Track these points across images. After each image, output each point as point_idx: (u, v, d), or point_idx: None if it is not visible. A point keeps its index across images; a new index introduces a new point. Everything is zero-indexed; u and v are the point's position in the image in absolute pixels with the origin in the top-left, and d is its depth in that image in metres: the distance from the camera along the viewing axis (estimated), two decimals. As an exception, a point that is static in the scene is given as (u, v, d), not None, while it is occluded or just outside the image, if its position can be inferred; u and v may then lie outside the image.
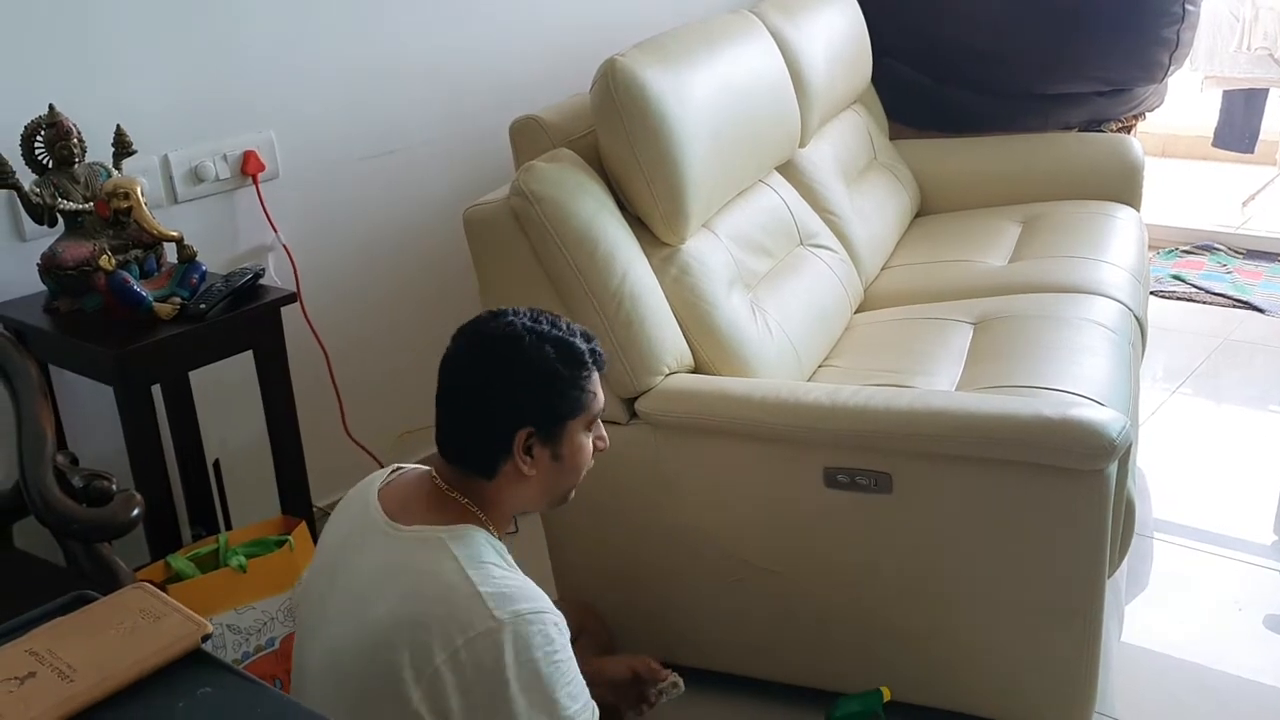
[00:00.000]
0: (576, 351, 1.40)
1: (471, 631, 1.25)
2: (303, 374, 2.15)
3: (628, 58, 1.98)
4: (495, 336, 1.39)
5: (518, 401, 1.37)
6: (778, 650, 1.96)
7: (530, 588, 1.32)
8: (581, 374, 1.40)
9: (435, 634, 1.26)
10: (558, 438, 1.40)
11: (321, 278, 2.33)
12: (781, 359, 2.14)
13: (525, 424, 1.37)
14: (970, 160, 3.23)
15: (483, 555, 1.32)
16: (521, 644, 1.26)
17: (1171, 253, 4.13)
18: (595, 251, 1.87)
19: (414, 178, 2.51)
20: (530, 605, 1.28)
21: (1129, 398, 2.06)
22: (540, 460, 1.39)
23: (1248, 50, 4.53)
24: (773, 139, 2.43)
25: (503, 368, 1.38)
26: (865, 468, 1.77)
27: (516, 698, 1.25)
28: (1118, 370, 2.13)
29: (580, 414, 1.41)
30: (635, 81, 1.95)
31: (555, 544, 2.08)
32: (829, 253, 2.53)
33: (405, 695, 1.26)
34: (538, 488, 1.42)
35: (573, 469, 1.44)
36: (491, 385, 1.38)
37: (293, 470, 2.01)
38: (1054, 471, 1.66)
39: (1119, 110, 3.45)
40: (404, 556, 1.33)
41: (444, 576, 1.29)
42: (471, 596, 1.27)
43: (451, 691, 1.25)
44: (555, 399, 1.39)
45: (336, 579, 1.38)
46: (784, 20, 2.63)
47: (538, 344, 1.38)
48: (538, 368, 1.37)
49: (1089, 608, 1.71)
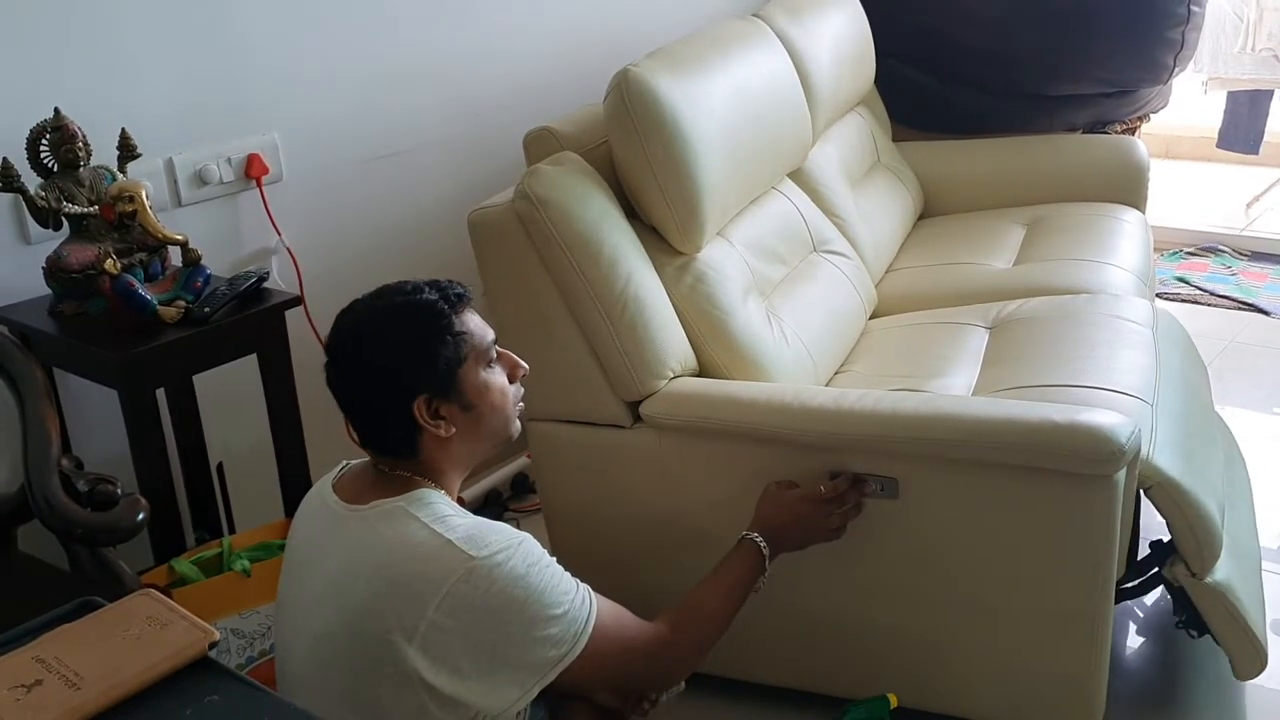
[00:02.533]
0: (425, 305, 1.40)
1: (454, 577, 1.29)
2: (306, 377, 2.13)
3: (641, 68, 1.97)
4: (345, 335, 1.41)
5: (394, 380, 1.39)
6: (783, 655, 1.96)
7: (496, 524, 1.37)
8: (441, 322, 1.40)
9: (419, 590, 1.29)
10: (456, 389, 1.41)
11: (325, 281, 2.33)
12: (798, 366, 2.14)
13: (415, 395, 1.38)
14: (973, 162, 3.23)
15: (442, 510, 1.36)
16: (504, 572, 1.31)
17: (1176, 254, 4.12)
18: (600, 255, 1.87)
19: (418, 181, 2.50)
20: (500, 538, 1.33)
21: (1155, 385, 2.05)
22: (453, 416, 1.41)
23: (1252, 51, 4.52)
24: (785, 145, 2.43)
25: (363, 359, 1.40)
26: (872, 472, 1.76)
27: (515, 619, 1.31)
28: (1143, 360, 2.12)
29: (466, 359, 1.41)
30: (649, 91, 1.95)
31: (557, 545, 2.08)
32: (842, 259, 2.53)
33: (400, 658, 1.29)
34: (468, 440, 1.43)
35: (491, 409, 1.44)
36: (363, 380, 1.40)
37: (296, 474, 2.00)
38: (1062, 477, 1.65)
39: (1123, 112, 3.45)
40: (370, 532, 1.36)
41: (412, 537, 1.33)
42: (444, 546, 1.31)
43: (452, 638, 1.30)
44: (427, 360, 1.39)
45: (309, 575, 1.41)
46: (790, 22, 2.62)
47: (385, 320, 1.40)
48: (393, 341, 1.39)
49: (1097, 614, 1.71)
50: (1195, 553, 1.80)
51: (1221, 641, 1.85)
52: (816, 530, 1.73)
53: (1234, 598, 1.81)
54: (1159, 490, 1.78)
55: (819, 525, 1.73)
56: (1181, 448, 1.89)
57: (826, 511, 1.72)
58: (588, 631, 1.37)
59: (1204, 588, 1.80)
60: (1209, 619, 1.83)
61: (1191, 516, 1.79)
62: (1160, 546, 1.88)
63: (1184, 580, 1.81)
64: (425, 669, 1.29)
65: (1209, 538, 1.80)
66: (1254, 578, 1.99)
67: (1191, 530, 1.79)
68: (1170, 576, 1.84)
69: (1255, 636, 1.83)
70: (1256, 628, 1.84)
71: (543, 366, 1.79)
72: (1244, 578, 1.90)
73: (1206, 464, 1.98)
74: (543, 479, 2.08)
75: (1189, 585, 1.81)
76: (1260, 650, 1.83)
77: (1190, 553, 1.80)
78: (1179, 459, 1.84)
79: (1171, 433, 1.92)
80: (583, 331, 1.90)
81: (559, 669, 1.35)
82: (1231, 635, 1.83)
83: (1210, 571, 1.80)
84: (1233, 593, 1.81)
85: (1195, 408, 2.14)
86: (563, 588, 1.37)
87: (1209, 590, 1.80)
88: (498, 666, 1.32)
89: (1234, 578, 1.84)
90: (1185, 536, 1.79)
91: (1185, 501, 1.78)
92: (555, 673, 1.35)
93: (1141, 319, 2.27)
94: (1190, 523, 1.78)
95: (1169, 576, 1.84)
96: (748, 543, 1.67)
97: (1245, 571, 1.93)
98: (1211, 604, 1.81)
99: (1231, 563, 1.87)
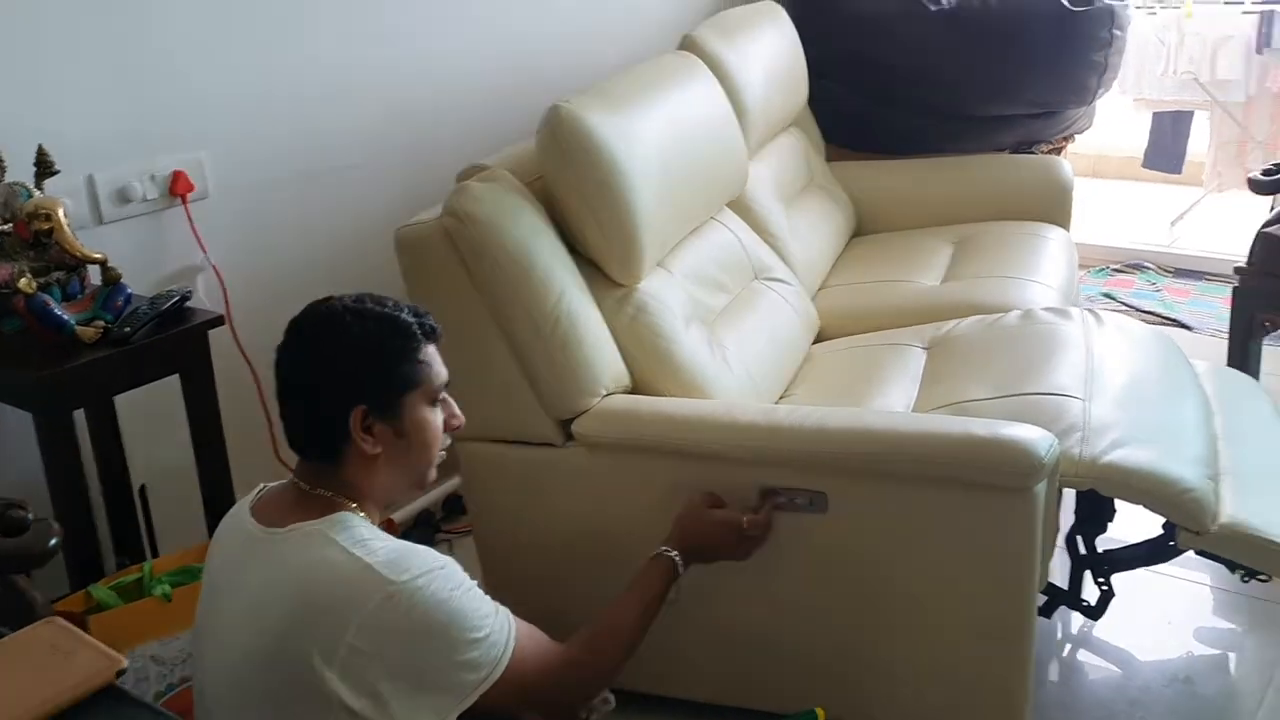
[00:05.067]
0: (402, 324, 1.41)
1: (372, 602, 1.28)
2: (232, 397, 2.11)
3: (573, 104, 1.98)
4: (315, 321, 1.41)
5: (346, 380, 1.38)
6: (712, 670, 1.96)
7: (418, 548, 1.35)
8: (410, 345, 1.41)
9: (338, 614, 1.28)
10: (396, 413, 1.40)
11: (253, 299, 2.30)
12: (743, 393, 2.15)
13: (358, 402, 1.37)
14: (904, 181, 3.28)
15: (362, 534, 1.35)
16: (424, 597, 1.30)
17: (1103, 271, 4.21)
18: (530, 272, 1.86)
19: (349, 198, 2.48)
20: (421, 563, 1.33)
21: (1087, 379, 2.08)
22: (383, 437, 1.40)
23: (1174, 74, 4.65)
24: (721, 176, 2.45)
25: (325, 349, 1.39)
26: (801, 487, 1.77)
27: (436, 644, 1.31)
28: (1073, 358, 2.15)
29: (416, 386, 1.41)
30: (582, 128, 1.95)
31: (488, 563, 2.07)
32: (784, 285, 2.55)
33: (319, 682, 1.27)
34: (389, 467, 1.42)
35: (421, 445, 1.44)
36: (317, 368, 1.39)
37: (221, 495, 1.97)
38: (984, 490, 1.67)
39: (1050, 132, 3.52)
40: (289, 556, 1.34)
41: (332, 561, 1.31)
42: (364, 570, 1.30)
43: (372, 662, 1.28)
44: (384, 373, 1.39)
45: (225, 600, 1.39)
46: (722, 43, 2.65)
47: (358, 321, 1.39)
48: (360, 344, 1.38)
49: (1020, 625, 1.73)
50: (1179, 514, 1.82)
51: (1270, 571, 1.87)
52: (731, 553, 1.76)
53: (1252, 528, 1.81)
54: (1102, 483, 1.81)
55: (733, 550, 1.76)
56: (1124, 428, 1.91)
57: (744, 539, 1.75)
58: (507, 654, 1.37)
59: (1215, 538, 1.81)
60: (1242, 559, 1.85)
61: (1145, 487, 1.81)
62: (1169, 523, 1.89)
63: (1194, 542, 1.83)
64: (345, 693, 1.28)
65: (1182, 495, 1.81)
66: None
67: (1155, 498, 1.81)
68: (1184, 546, 1.85)
69: None
70: None
71: (472, 386, 1.77)
72: (1268, 501, 1.90)
73: (1165, 428, 2.00)
74: (473, 499, 2.07)
75: (1201, 543, 1.83)
76: None
77: (1177, 517, 1.82)
78: (1120, 441, 1.86)
79: (1112, 418, 1.93)
80: (513, 349, 1.89)
81: (479, 692, 1.34)
82: (1272, 561, 1.83)
83: (1210, 524, 1.82)
84: (1247, 525, 1.82)
85: (1147, 383, 2.16)
86: (483, 611, 1.37)
87: (1219, 537, 1.81)
88: (418, 691, 1.31)
89: (1249, 510, 1.85)
90: (1160, 507, 1.82)
91: (1138, 480, 1.81)
92: (475, 696, 1.34)
93: (1070, 320, 2.31)
94: (1147, 493, 1.81)
95: (1184, 544, 1.85)
96: (663, 558, 1.68)
97: (1273, 494, 1.94)
98: (1232, 547, 1.83)
99: (1244, 496, 1.88)
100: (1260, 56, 4.55)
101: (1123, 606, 2.23)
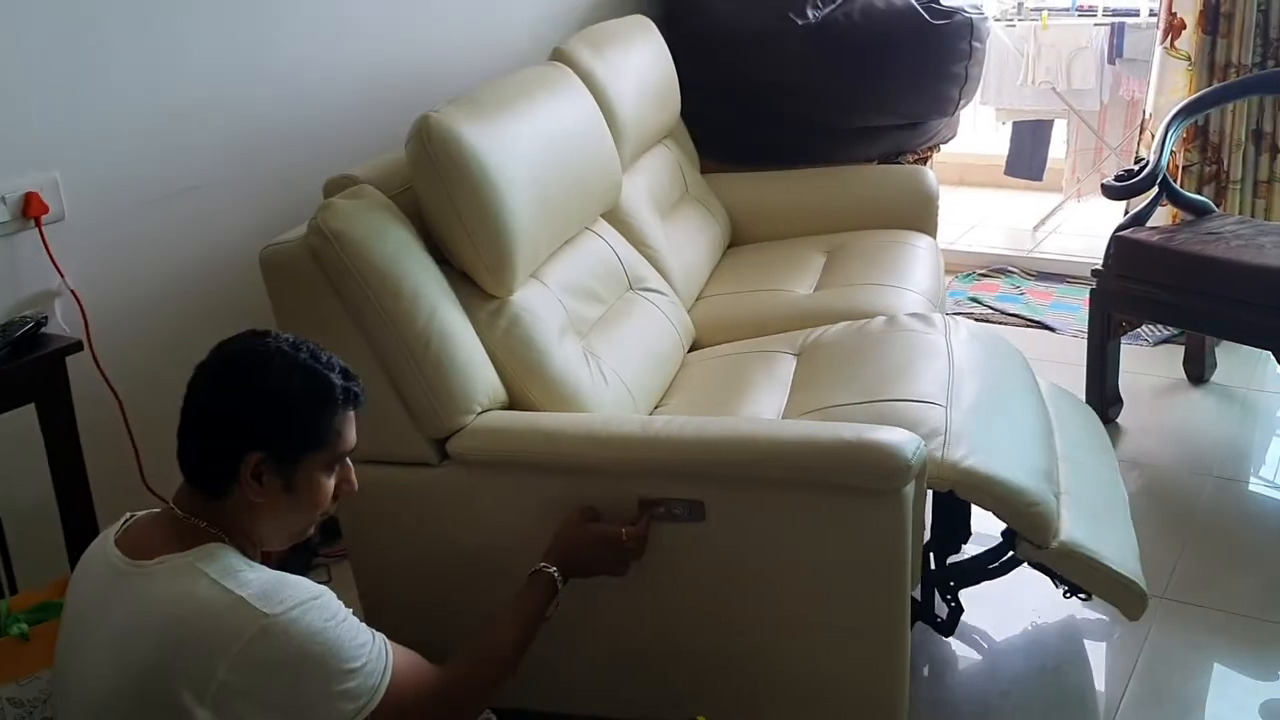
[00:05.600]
0: (326, 384, 1.38)
1: (246, 635, 1.25)
2: (96, 425, 2.04)
3: (442, 114, 1.97)
4: (242, 353, 1.38)
5: (251, 423, 1.35)
6: (594, 684, 1.96)
7: (292, 578, 1.33)
8: (327, 409, 1.38)
9: (209, 650, 1.25)
10: (291, 469, 1.37)
11: (115, 323, 2.23)
12: (618, 404, 2.16)
13: (256, 448, 1.34)
14: (778, 192, 3.33)
15: (234, 566, 1.32)
16: (299, 629, 1.28)
17: (969, 276, 4.34)
18: (400, 290, 1.84)
19: (215, 218, 2.42)
20: (296, 593, 1.30)
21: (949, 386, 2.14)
22: (270, 489, 1.37)
23: (1032, 84, 4.82)
24: (595, 186, 2.45)
25: (241, 385, 1.36)
26: (679, 497, 1.79)
27: (312, 676, 1.29)
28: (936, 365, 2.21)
29: (319, 450, 1.39)
30: (452, 137, 1.94)
31: (366, 588, 2.04)
32: (659, 295, 2.57)
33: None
34: (269, 518, 1.39)
35: (307, 506, 1.42)
36: (227, 401, 1.36)
37: (83, 527, 1.91)
38: (855, 493, 1.71)
39: (915, 142, 3.62)
40: (156, 590, 1.30)
41: (201, 595, 1.28)
42: (235, 603, 1.27)
43: (245, 698, 1.25)
44: (292, 428, 1.36)
45: (89, 637, 1.34)
46: (593, 57, 2.66)
47: (286, 368, 1.36)
48: (277, 392, 1.35)
49: (895, 623, 1.77)
50: (1025, 526, 1.88)
51: (1097, 594, 1.94)
52: (609, 567, 1.77)
53: (1088, 551, 1.89)
54: (962, 487, 1.86)
55: (612, 563, 1.77)
56: (981, 436, 1.97)
57: (622, 553, 1.76)
58: (385, 682, 1.36)
59: (1054, 553, 1.88)
60: (1074, 578, 1.91)
61: (1002, 497, 1.87)
62: (1008, 531, 1.95)
63: (1033, 554, 1.89)
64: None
65: (1030, 508, 1.88)
66: (1118, 525, 2.08)
67: (1010, 509, 1.87)
68: (1023, 555, 1.91)
69: (1125, 578, 1.91)
70: (1126, 571, 1.92)
71: (343, 405, 1.74)
72: (1100, 529, 1.98)
73: (1016, 440, 2.07)
74: (348, 522, 2.03)
75: (1040, 556, 1.89)
76: (1136, 590, 1.91)
77: (1022, 527, 1.88)
78: (978, 449, 1.92)
79: (968, 426, 1.99)
80: (384, 369, 1.87)
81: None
82: (1100, 585, 1.91)
83: (1053, 536, 1.88)
84: (1084, 547, 1.89)
85: (999, 392, 2.23)
86: (359, 640, 1.35)
87: (1057, 554, 1.88)
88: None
89: (1084, 533, 1.92)
90: (1008, 516, 1.88)
91: (993, 486, 1.87)
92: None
93: (931, 328, 2.38)
94: (1004, 503, 1.87)
95: (1022, 556, 1.91)
96: (542, 575, 1.68)
97: (1103, 522, 2.02)
98: (1067, 565, 1.89)
99: (1079, 518, 1.95)
100: (1113, 66, 4.74)
101: (993, 602, 2.31)
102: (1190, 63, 3.58)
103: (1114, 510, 2.15)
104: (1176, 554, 2.49)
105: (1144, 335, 3.65)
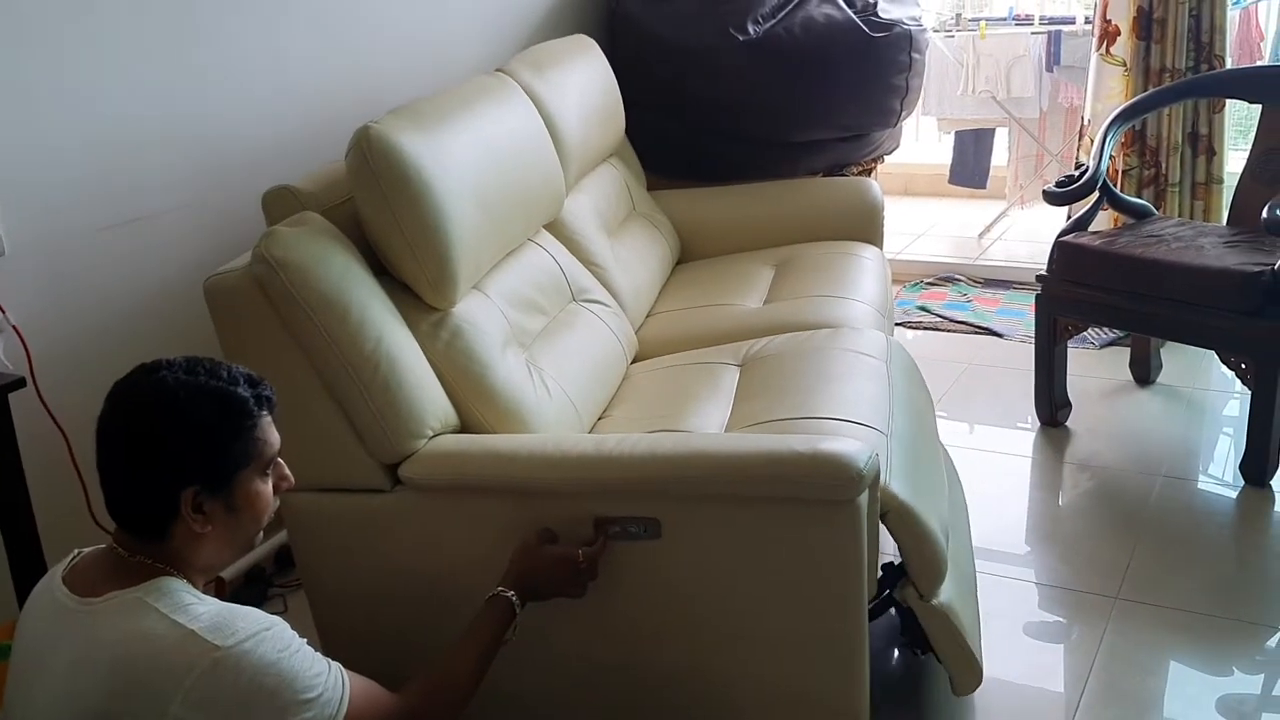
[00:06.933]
0: (237, 400, 1.37)
1: (198, 670, 1.24)
2: (41, 461, 2.01)
3: (382, 124, 1.96)
4: (143, 394, 1.35)
5: (177, 462, 1.33)
6: (554, 707, 1.95)
7: (243, 609, 1.31)
8: (246, 423, 1.38)
9: (160, 686, 1.23)
10: (229, 490, 1.37)
11: (61, 358, 2.19)
12: (561, 416, 2.15)
13: (189, 483, 1.33)
14: (724, 207, 3.35)
15: (184, 599, 1.31)
16: (253, 660, 1.26)
17: (917, 285, 4.38)
18: (346, 316, 1.83)
19: (160, 248, 2.39)
20: (248, 625, 1.29)
21: (889, 415, 2.16)
22: (214, 514, 1.36)
23: (972, 93, 4.89)
24: (538, 197, 2.45)
25: (154, 428, 1.33)
26: (634, 515, 1.78)
27: (266, 708, 1.27)
28: (877, 390, 2.23)
29: (250, 463, 1.38)
30: (391, 148, 1.93)
31: (321, 618, 2.01)
32: (602, 307, 2.56)
33: None
34: (218, 541, 1.39)
35: (253, 517, 1.41)
36: (146, 448, 1.33)
37: (31, 567, 1.86)
38: (809, 504, 1.71)
39: (859, 154, 3.66)
40: (105, 628, 1.29)
41: (152, 630, 1.27)
42: (186, 637, 1.26)
43: None
44: (218, 454, 1.35)
45: (38, 678, 1.32)
46: (534, 77, 2.66)
47: (191, 398, 1.34)
48: (194, 425, 1.33)
49: (853, 634, 1.77)
50: (923, 575, 1.89)
51: (944, 660, 1.95)
52: (567, 589, 1.76)
53: (956, 618, 1.91)
54: (894, 516, 1.87)
55: (569, 584, 1.75)
56: (911, 474, 1.99)
57: (579, 574, 1.75)
58: (342, 712, 1.34)
59: (930, 609, 1.89)
60: (934, 639, 1.92)
61: (920, 539, 1.88)
62: (892, 569, 1.96)
63: (913, 602, 1.89)
64: None
65: (936, 560, 1.90)
66: (971, 599, 2.12)
67: (920, 553, 1.88)
68: (901, 598, 1.92)
69: (973, 654, 1.93)
70: (974, 646, 1.96)
71: (293, 435, 1.71)
72: (963, 599, 2.01)
73: (933, 489, 2.09)
74: (300, 552, 2.00)
75: (917, 607, 1.89)
76: (976, 667, 1.94)
77: (919, 575, 1.89)
78: (909, 485, 1.93)
79: (903, 459, 2.02)
80: (333, 396, 1.85)
81: None
82: (953, 654, 1.92)
83: (935, 593, 1.90)
84: (955, 614, 1.91)
85: (922, 435, 2.26)
86: (315, 670, 1.33)
87: (935, 611, 1.89)
88: None
89: (955, 599, 1.94)
90: (915, 559, 1.88)
91: (916, 526, 1.88)
92: None
93: (876, 351, 2.39)
94: (919, 546, 1.88)
95: (899, 598, 1.92)
96: (500, 600, 1.67)
97: (964, 592, 2.05)
98: (937, 625, 1.90)
99: (953, 585, 1.97)
100: (1051, 74, 4.82)
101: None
102: (1126, 68, 3.65)
103: (969, 584, 2.17)
104: (1129, 554, 2.53)
105: (1090, 338, 3.70)
